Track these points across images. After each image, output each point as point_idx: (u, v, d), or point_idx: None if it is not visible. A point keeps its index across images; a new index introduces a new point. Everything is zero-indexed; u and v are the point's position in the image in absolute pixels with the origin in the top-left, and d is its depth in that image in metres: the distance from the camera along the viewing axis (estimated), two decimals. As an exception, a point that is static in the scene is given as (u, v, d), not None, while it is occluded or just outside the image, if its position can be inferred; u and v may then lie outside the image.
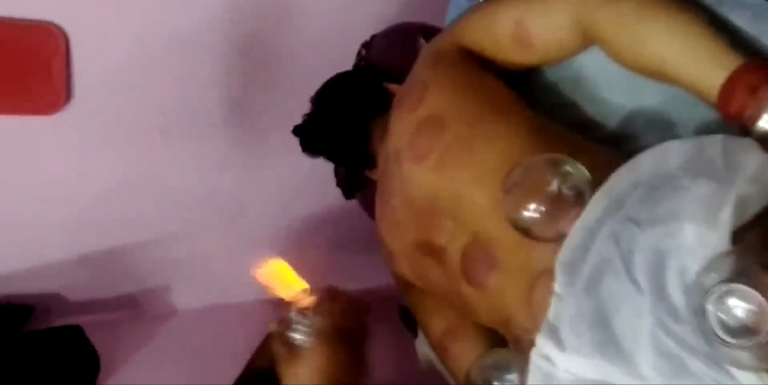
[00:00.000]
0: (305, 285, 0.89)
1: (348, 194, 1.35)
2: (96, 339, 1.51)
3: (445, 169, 0.86)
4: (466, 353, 0.91)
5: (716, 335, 0.51)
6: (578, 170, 0.70)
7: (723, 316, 0.51)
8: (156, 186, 1.57)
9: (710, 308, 0.51)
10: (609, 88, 0.90)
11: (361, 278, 1.73)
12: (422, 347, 1.15)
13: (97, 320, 1.62)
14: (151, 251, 1.64)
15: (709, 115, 0.79)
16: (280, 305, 0.85)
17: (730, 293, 0.50)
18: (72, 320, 1.56)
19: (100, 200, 1.55)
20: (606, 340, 0.63)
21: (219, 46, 1.50)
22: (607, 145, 0.87)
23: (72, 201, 1.53)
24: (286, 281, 0.90)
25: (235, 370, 0.96)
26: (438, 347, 0.98)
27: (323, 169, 1.32)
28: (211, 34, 1.48)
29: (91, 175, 1.53)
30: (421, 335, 1.13)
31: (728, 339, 0.51)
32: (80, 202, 1.54)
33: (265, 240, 1.59)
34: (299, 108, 1.09)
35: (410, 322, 1.27)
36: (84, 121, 1.46)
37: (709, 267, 0.54)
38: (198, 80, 1.51)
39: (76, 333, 1.52)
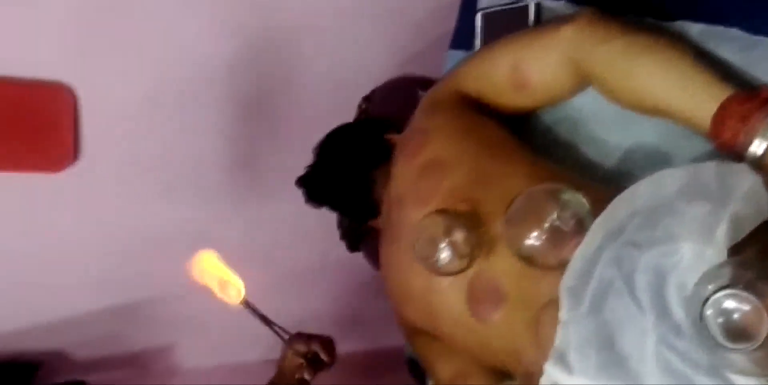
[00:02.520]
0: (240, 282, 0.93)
1: (352, 245, 1.36)
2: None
3: None
4: None
5: (716, 340, 0.51)
6: (577, 199, 0.72)
7: (721, 320, 0.52)
8: (161, 243, 1.56)
9: (708, 312, 0.51)
10: (605, 128, 0.93)
11: (368, 333, 1.72)
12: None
13: (102, 378, 1.60)
14: (157, 308, 1.62)
15: (704, 147, 0.81)
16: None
17: (727, 296, 0.51)
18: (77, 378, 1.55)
19: (106, 258, 1.55)
20: (612, 361, 0.63)
21: (224, 103, 1.54)
22: (605, 183, 0.89)
23: (78, 258, 1.53)
24: (220, 276, 0.92)
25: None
26: None
27: (328, 222, 1.33)
28: (217, 91, 1.52)
29: (97, 232, 1.54)
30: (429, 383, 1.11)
31: (727, 344, 0.51)
32: (86, 259, 1.54)
33: (271, 295, 1.57)
34: (303, 161, 1.11)
35: (419, 374, 1.25)
36: (91, 179, 1.49)
37: (705, 278, 0.55)
38: (203, 137, 1.55)
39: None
